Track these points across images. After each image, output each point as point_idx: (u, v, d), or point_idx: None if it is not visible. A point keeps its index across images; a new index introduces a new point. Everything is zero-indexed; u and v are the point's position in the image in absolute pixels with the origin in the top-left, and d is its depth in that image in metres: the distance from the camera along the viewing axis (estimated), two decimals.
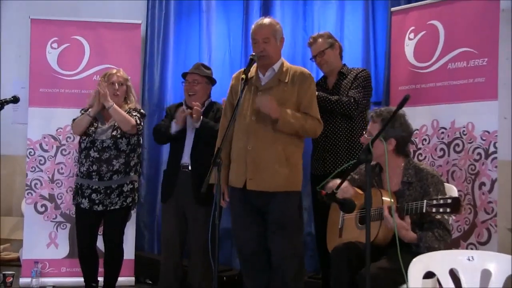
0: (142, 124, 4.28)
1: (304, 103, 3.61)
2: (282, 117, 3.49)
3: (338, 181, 3.06)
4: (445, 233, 3.03)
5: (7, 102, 3.85)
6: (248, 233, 3.68)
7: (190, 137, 4.15)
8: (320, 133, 4.17)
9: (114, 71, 4.31)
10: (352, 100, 4.01)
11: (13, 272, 4.81)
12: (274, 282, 3.64)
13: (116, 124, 4.17)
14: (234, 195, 3.70)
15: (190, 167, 4.11)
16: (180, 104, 4.30)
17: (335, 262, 3.13)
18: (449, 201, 2.81)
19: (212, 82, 4.31)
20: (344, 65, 4.28)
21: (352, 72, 4.19)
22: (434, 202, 2.85)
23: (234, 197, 3.71)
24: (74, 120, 4.27)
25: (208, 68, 4.34)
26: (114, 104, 4.12)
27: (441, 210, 2.82)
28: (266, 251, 3.66)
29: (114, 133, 4.15)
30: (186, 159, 4.13)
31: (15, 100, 3.89)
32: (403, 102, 2.50)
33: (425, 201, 2.90)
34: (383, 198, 3.12)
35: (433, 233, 3.00)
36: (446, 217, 2.87)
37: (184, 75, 4.28)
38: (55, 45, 5.01)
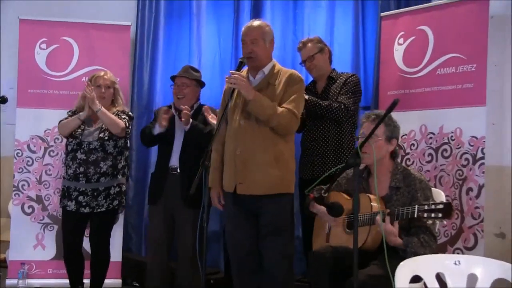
0: (130, 127, 4.27)
1: (284, 98, 3.56)
2: (254, 98, 3.47)
3: None
4: (430, 238, 3.03)
5: None
6: (240, 236, 3.67)
7: (179, 140, 4.13)
8: (309, 136, 4.18)
9: (102, 73, 4.29)
10: (342, 107, 4.03)
11: None
12: (264, 286, 3.64)
13: (103, 126, 4.15)
14: (227, 198, 3.71)
15: (178, 170, 4.09)
16: (169, 107, 4.29)
17: (313, 266, 3.14)
18: (440, 206, 2.82)
19: (201, 85, 4.29)
20: (334, 69, 4.30)
21: (341, 77, 4.20)
22: (426, 207, 2.86)
23: (228, 200, 3.71)
24: (60, 121, 4.24)
25: (197, 71, 4.33)
26: (103, 107, 4.10)
27: (432, 215, 2.83)
28: (258, 254, 3.66)
29: (101, 135, 4.13)
30: (174, 161, 4.11)
31: (3, 100, 3.85)
32: (392, 106, 2.50)
33: (416, 206, 2.90)
34: (372, 203, 3.12)
35: (419, 239, 3.01)
36: (437, 222, 2.87)
37: (173, 78, 4.27)
38: (44, 45, 4.99)
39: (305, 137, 4.25)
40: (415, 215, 2.89)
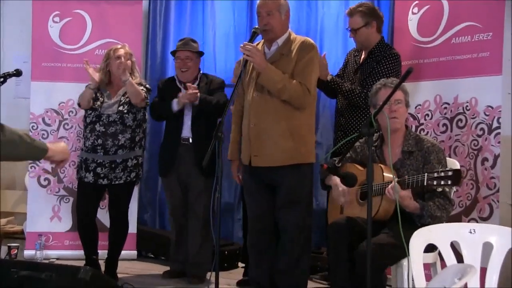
0: (148, 98, 4.29)
1: (296, 70, 3.55)
2: (265, 71, 3.46)
3: None
4: (446, 202, 3.03)
5: (9, 75, 3.85)
6: (257, 208, 3.71)
7: (188, 111, 4.17)
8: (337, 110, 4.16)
9: (119, 46, 4.30)
10: (363, 95, 3.91)
11: (17, 245, 4.83)
12: (280, 257, 3.65)
13: (122, 99, 4.18)
14: (245, 171, 3.75)
15: (191, 140, 4.12)
16: (172, 79, 4.31)
17: (332, 237, 3.15)
18: (450, 173, 2.80)
19: (201, 54, 4.32)
20: (381, 41, 4.09)
21: (382, 53, 4.02)
22: (435, 174, 2.84)
23: (245, 173, 3.75)
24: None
25: (196, 42, 4.35)
26: (130, 78, 4.12)
27: (442, 182, 2.81)
28: (275, 226, 3.68)
29: (120, 108, 4.16)
30: (186, 132, 4.16)
31: (17, 73, 3.89)
32: (406, 74, 2.48)
33: (426, 174, 2.89)
34: (384, 174, 3.11)
35: (434, 203, 3.02)
36: (447, 189, 2.86)
37: (174, 53, 4.27)
38: (57, 19, 4.98)
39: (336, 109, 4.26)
40: (425, 183, 2.87)
